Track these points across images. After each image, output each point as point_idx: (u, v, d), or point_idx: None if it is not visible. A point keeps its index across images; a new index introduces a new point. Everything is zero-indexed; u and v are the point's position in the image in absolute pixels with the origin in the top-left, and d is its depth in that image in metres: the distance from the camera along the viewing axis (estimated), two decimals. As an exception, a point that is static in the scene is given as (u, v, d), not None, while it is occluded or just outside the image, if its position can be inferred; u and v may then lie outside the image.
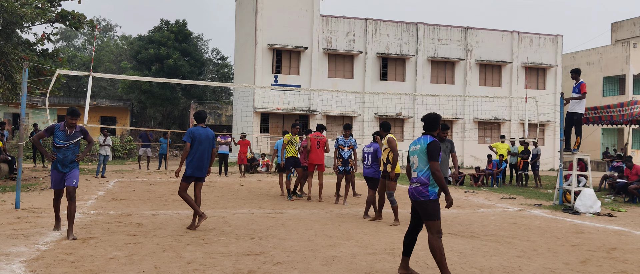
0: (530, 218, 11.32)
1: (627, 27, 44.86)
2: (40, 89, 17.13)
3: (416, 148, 6.11)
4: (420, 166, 6.05)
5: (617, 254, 7.78)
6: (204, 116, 8.93)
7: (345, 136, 12.59)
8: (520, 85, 35.75)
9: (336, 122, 33.07)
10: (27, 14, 16.05)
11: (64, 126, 7.96)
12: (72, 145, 8.02)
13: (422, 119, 6.28)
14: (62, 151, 7.93)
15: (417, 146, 6.13)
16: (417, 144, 6.14)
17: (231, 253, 7.09)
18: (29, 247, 7.11)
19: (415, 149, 6.11)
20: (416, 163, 6.08)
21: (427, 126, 6.20)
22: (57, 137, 7.94)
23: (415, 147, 6.15)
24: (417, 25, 34.31)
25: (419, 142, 6.13)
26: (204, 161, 8.74)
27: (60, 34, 56.19)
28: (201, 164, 8.72)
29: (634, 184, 14.94)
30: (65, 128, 7.96)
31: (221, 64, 52.53)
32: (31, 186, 14.73)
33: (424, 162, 5.99)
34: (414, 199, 6.05)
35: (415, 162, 6.09)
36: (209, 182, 17.96)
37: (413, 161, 6.12)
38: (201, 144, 8.69)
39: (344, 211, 11.59)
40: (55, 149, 7.94)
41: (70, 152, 8.01)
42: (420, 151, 6.05)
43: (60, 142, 7.92)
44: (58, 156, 7.94)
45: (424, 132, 6.21)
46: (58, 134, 7.94)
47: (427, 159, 5.97)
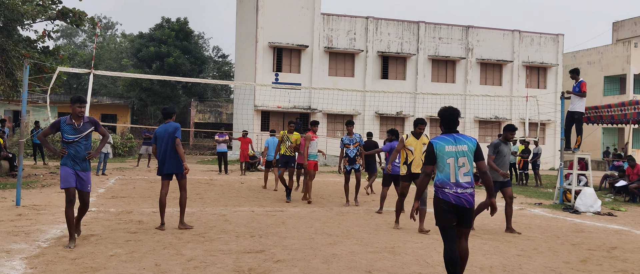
0: (530, 217, 11.32)
1: (628, 26, 44.81)
2: (41, 86, 17.13)
3: (463, 148, 5.39)
4: (470, 169, 5.42)
5: (618, 253, 7.78)
6: (167, 112, 8.82)
7: (349, 134, 12.39)
8: (521, 84, 35.73)
9: (337, 121, 33.07)
10: (28, 11, 16.06)
11: (70, 118, 7.22)
12: (83, 139, 7.24)
13: (441, 114, 5.59)
14: (73, 146, 7.16)
15: (463, 146, 5.40)
16: (462, 143, 5.41)
17: (232, 251, 7.10)
18: (30, 244, 7.12)
19: (462, 149, 5.39)
20: (466, 165, 5.39)
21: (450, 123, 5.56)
22: (65, 132, 7.19)
23: (460, 147, 5.39)
24: (418, 23, 34.29)
25: (464, 141, 5.43)
26: (166, 157, 8.50)
27: (61, 31, 56.19)
28: (163, 161, 8.53)
29: (635, 183, 14.94)
30: (72, 121, 7.20)
31: (222, 62, 52.55)
32: (32, 183, 14.74)
33: (471, 164, 5.43)
34: (462, 206, 5.32)
35: (465, 164, 5.38)
36: (210, 180, 17.97)
37: (462, 162, 5.37)
38: (162, 140, 8.55)
39: (344, 210, 11.60)
40: (65, 145, 7.19)
41: (82, 148, 7.23)
42: (469, 151, 5.41)
43: (70, 137, 7.15)
44: (69, 151, 7.16)
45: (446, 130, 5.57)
46: (65, 128, 7.19)
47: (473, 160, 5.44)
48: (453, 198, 5.30)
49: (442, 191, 5.35)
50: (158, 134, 8.65)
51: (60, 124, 7.27)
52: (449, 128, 5.54)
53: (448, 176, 5.35)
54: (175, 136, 8.50)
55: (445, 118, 5.55)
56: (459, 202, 5.29)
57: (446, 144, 5.40)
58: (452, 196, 5.30)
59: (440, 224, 5.38)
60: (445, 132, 5.56)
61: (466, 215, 5.36)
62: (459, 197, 5.29)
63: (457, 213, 5.33)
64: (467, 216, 5.37)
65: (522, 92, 34.19)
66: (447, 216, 5.33)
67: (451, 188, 5.32)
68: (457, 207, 5.31)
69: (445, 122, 5.57)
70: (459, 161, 5.36)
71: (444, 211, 5.33)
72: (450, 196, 5.31)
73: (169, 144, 8.50)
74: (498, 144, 9.43)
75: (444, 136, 5.51)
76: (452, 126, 5.53)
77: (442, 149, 5.39)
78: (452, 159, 5.36)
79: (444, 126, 5.58)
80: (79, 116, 7.22)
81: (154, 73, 39.39)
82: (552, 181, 21.06)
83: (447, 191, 5.32)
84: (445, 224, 5.35)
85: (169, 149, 8.51)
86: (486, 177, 5.50)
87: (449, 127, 5.54)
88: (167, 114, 8.81)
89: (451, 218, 5.34)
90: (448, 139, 5.45)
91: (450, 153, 5.37)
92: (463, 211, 5.33)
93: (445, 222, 5.35)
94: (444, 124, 5.58)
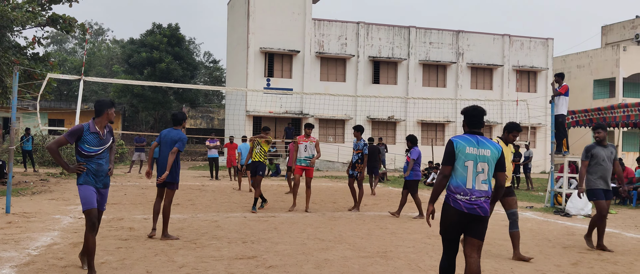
0: (521, 221, 11.36)
1: (617, 30, 45.24)
2: (31, 93, 17.03)
3: (485, 153, 4.88)
4: (489, 176, 4.92)
5: (608, 256, 7.82)
6: (176, 119, 8.61)
7: (357, 139, 12.38)
8: (512, 88, 35.94)
9: (328, 126, 33.10)
10: (17, 17, 15.96)
11: (94, 126, 5.98)
12: (105, 152, 6.10)
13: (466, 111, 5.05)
14: (95, 160, 5.96)
15: (485, 150, 4.89)
16: (486, 147, 4.91)
17: (223, 257, 7.07)
18: (20, 252, 7.06)
19: (485, 154, 4.88)
20: (485, 173, 4.88)
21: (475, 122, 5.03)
22: (88, 143, 5.93)
23: (482, 151, 4.89)
24: (408, 28, 34.44)
25: (488, 145, 4.93)
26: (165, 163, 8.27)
27: (51, 38, 55.95)
28: (161, 167, 8.31)
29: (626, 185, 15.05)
30: (97, 129, 5.98)
31: (213, 67, 52.50)
32: (22, 190, 14.63)
33: (491, 173, 4.94)
34: (477, 215, 4.84)
35: (485, 170, 4.88)
36: (201, 186, 17.91)
37: (481, 168, 4.87)
38: (163, 145, 8.40)
39: (336, 214, 11.59)
40: (85, 159, 5.95)
41: (104, 161, 6.09)
42: (492, 158, 4.90)
43: (93, 150, 5.95)
44: (90, 166, 5.94)
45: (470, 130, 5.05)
46: (88, 138, 5.93)
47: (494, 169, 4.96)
48: (465, 206, 4.81)
49: (454, 197, 4.85)
50: (162, 138, 8.47)
51: (82, 133, 5.90)
52: (473, 127, 5.02)
53: (464, 180, 4.84)
54: (176, 145, 8.24)
55: (470, 115, 5.03)
56: (471, 211, 4.80)
57: (468, 145, 4.88)
58: (464, 204, 4.81)
59: (445, 235, 4.97)
60: (468, 132, 5.04)
61: (479, 225, 4.85)
62: (473, 205, 4.81)
63: (469, 222, 4.85)
64: (481, 226, 4.85)
65: (512, 96, 34.39)
66: (455, 227, 4.89)
67: (465, 195, 4.83)
68: (470, 216, 4.82)
69: (469, 120, 5.04)
70: (479, 166, 4.85)
71: (452, 220, 4.88)
72: (463, 203, 4.82)
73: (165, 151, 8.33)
74: (591, 147, 8.31)
75: (467, 135, 4.98)
76: (477, 125, 5.01)
77: (463, 149, 4.86)
78: (471, 162, 4.85)
79: (469, 125, 5.05)
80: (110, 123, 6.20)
81: (145, 79, 39.28)
82: (543, 184, 21.18)
83: (460, 198, 4.83)
84: (451, 235, 4.94)
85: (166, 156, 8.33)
86: (499, 192, 5.06)
87: (473, 126, 5.02)
88: (177, 121, 8.59)
89: (459, 230, 4.91)
90: (471, 139, 4.93)
91: (470, 155, 4.85)
92: (477, 220, 4.84)
93: (452, 233, 4.93)
94: (468, 123, 5.05)
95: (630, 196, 14.81)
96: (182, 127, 8.71)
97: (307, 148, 12.00)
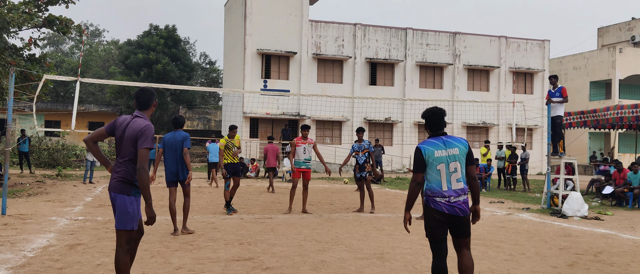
0: (518, 222, 11.38)
1: (613, 32, 45.38)
2: (28, 94, 16.98)
3: (454, 152, 4.91)
4: (463, 173, 4.97)
5: (604, 257, 7.84)
6: (177, 122, 9.31)
7: (358, 141, 12.33)
8: (508, 89, 36.00)
9: (325, 127, 33.10)
10: (14, 18, 15.92)
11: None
12: None
13: (425, 115, 5.09)
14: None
15: (453, 149, 4.92)
16: (453, 146, 4.93)
17: (220, 259, 7.06)
18: (15, 254, 7.04)
19: (453, 153, 4.91)
20: (459, 171, 4.92)
21: (436, 124, 5.04)
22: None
23: (451, 150, 4.92)
24: (405, 30, 34.48)
25: (455, 143, 4.96)
26: (172, 164, 9.01)
27: (48, 39, 55.84)
28: (169, 169, 9.04)
29: (620, 187, 15.09)
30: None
31: (210, 68, 52.46)
32: (18, 192, 14.60)
33: (464, 169, 4.98)
34: (456, 215, 4.88)
35: (458, 169, 4.91)
36: (198, 188, 17.88)
37: (454, 168, 4.90)
38: (170, 148, 9.04)
39: (333, 216, 11.59)
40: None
41: None
42: (461, 155, 4.94)
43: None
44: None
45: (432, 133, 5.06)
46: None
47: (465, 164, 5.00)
48: (446, 208, 4.85)
49: (433, 200, 4.89)
50: (166, 142, 9.12)
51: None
52: (436, 130, 5.02)
53: (439, 184, 4.87)
54: (184, 145, 8.93)
55: (430, 119, 5.03)
56: (452, 212, 4.84)
57: (436, 149, 4.89)
58: (444, 206, 4.85)
59: (431, 237, 4.94)
60: (432, 136, 5.03)
61: (462, 225, 4.91)
62: (452, 206, 4.84)
63: (451, 223, 4.90)
64: (463, 226, 4.92)
65: (509, 97, 34.45)
66: (439, 228, 4.90)
67: (443, 197, 4.86)
68: (451, 217, 4.86)
69: (430, 124, 5.04)
70: (451, 167, 4.88)
71: (436, 222, 4.89)
72: (443, 205, 4.85)
73: (178, 151, 8.98)
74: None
75: (432, 139, 4.98)
76: (438, 127, 5.01)
77: (431, 154, 4.87)
78: (442, 165, 4.87)
79: (430, 128, 5.05)
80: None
81: (142, 80, 39.21)
82: (540, 186, 21.21)
83: (439, 200, 4.86)
84: (438, 236, 4.91)
85: (172, 158, 9.01)
86: (475, 183, 5.05)
87: (435, 129, 5.02)
88: (178, 124, 9.27)
89: (444, 230, 4.91)
90: (437, 143, 4.93)
91: (441, 158, 4.87)
92: (458, 221, 4.88)
93: (438, 234, 4.91)
94: (429, 126, 5.06)
95: (627, 198, 14.84)
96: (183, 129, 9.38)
97: (305, 150, 11.89)
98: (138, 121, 4.91)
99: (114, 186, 4.85)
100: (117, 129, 4.97)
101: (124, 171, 4.83)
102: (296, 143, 11.97)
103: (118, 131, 4.96)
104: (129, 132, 4.87)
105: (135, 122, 4.91)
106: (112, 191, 4.86)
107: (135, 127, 4.87)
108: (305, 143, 11.89)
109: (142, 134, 4.80)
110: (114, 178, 4.88)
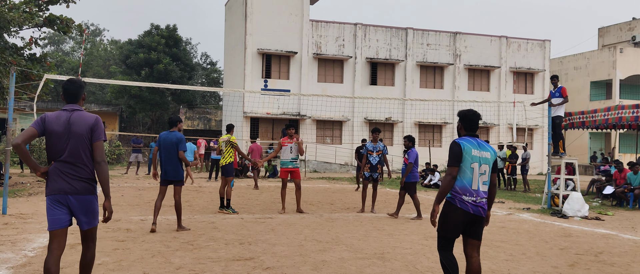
0: (518, 222, 11.38)
1: (614, 32, 45.38)
2: (28, 93, 17.00)
3: (486, 155, 5.04)
4: (488, 179, 5.07)
5: (605, 257, 7.84)
6: (172, 121, 9.43)
7: (373, 141, 12.28)
8: (509, 89, 36.00)
9: (326, 127, 33.09)
10: (14, 18, 15.93)
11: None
12: None
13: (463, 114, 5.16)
14: None
15: (486, 152, 5.05)
16: (486, 150, 5.07)
17: (220, 259, 7.06)
18: (16, 253, 7.04)
19: (486, 156, 5.04)
20: (486, 174, 5.03)
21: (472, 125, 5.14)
22: None
23: (484, 153, 5.04)
24: (406, 30, 34.47)
25: (487, 147, 5.10)
26: (168, 164, 9.09)
27: (49, 38, 55.87)
28: (163, 168, 9.13)
29: (621, 188, 15.08)
30: None
31: (211, 68, 52.45)
32: (18, 191, 14.60)
33: (490, 174, 5.08)
34: (479, 216, 4.99)
35: (486, 172, 5.03)
36: (199, 187, 17.89)
37: (483, 170, 5.01)
38: (164, 147, 9.14)
39: (334, 216, 11.59)
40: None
41: None
42: (491, 160, 5.07)
43: None
44: None
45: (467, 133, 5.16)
46: None
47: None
48: (472, 208, 4.92)
49: (460, 198, 4.94)
50: (161, 141, 9.21)
51: None
52: (471, 130, 5.14)
53: (470, 182, 4.95)
54: (180, 149, 9.07)
55: (468, 118, 5.13)
56: (476, 212, 4.93)
57: (472, 147, 5.00)
58: (471, 205, 4.92)
59: (447, 234, 5.01)
60: (467, 135, 5.14)
61: (480, 226, 5.01)
62: (477, 206, 4.94)
63: (472, 224, 4.98)
64: (481, 227, 5.02)
65: (509, 97, 34.44)
66: (459, 227, 4.97)
67: (471, 196, 4.94)
68: (474, 217, 4.95)
69: (467, 123, 5.14)
70: (481, 168, 4.98)
71: (458, 220, 4.94)
72: (469, 205, 4.92)
73: (171, 152, 9.07)
74: None
75: (468, 138, 5.09)
76: (474, 127, 5.13)
77: (469, 151, 4.97)
78: (476, 164, 4.96)
79: (466, 127, 5.15)
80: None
81: (143, 80, 39.21)
82: (540, 186, 21.21)
83: (466, 199, 4.93)
84: (453, 235, 4.99)
85: (168, 157, 9.10)
86: (494, 190, 5.15)
87: (470, 129, 5.14)
88: (172, 123, 9.36)
89: (461, 230, 5.00)
90: (473, 142, 5.05)
91: (475, 158, 4.98)
92: (478, 222, 4.99)
93: (454, 233, 4.99)
94: (465, 126, 5.15)
95: (627, 198, 14.84)
96: (178, 129, 9.42)
97: (292, 150, 11.87)
98: (83, 115, 4.64)
99: (77, 187, 4.54)
100: (52, 128, 4.55)
101: (83, 170, 4.57)
102: (282, 143, 11.98)
103: (56, 128, 4.54)
104: (77, 128, 4.55)
105: (80, 116, 4.61)
106: (76, 193, 4.54)
107: (83, 121, 4.59)
108: (292, 142, 11.88)
109: (96, 127, 4.60)
110: (71, 179, 4.54)
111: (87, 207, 4.60)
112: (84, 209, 4.59)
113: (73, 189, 4.53)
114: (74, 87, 4.73)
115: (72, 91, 4.72)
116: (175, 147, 9.06)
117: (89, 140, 4.58)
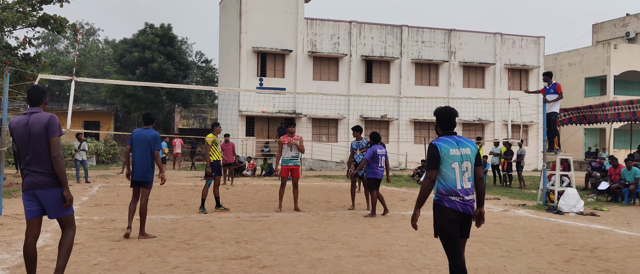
0: (514, 218, 11.41)
1: (608, 28, 45.53)
2: (22, 93, 16.93)
3: (466, 152, 4.97)
4: (472, 175, 5.01)
5: (600, 253, 7.87)
6: (148, 118, 8.66)
7: (356, 139, 12.30)
8: (504, 86, 36.07)
9: (321, 125, 33.08)
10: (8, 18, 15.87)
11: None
12: None
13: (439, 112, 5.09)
14: None
15: (465, 149, 4.98)
16: (465, 146, 4.99)
17: (217, 258, 7.06)
18: (11, 254, 7.02)
19: (466, 152, 4.96)
20: (469, 171, 4.97)
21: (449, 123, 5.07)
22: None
23: (463, 150, 4.97)
24: (401, 27, 34.48)
25: (466, 143, 5.02)
26: (138, 163, 8.33)
27: (43, 38, 55.62)
28: (135, 167, 8.35)
29: (616, 183, 15.14)
30: None
31: (205, 67, 52.35)
32: (13, 192, 14.55)
33: (473, 169, 5.02)
34: (468, 214, 4.96)
35: (469, 169, 4.96)
36: (195, 186, 17.86)
37: (465, 167, 4.95)
38: (137, 145, 8.40)
39: (330, 214, 11.60)
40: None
41: None
42: (472, 155, 4.99)
43: None
44: None
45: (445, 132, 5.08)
46: None
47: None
48: (460, 206, 4.88)
49: (448, 199, 4.89)
50: (134, 138, 8.45)
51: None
52: (448, 129, 5.05)
53: (454, 182, 4.89)
54: (154, 148, 8.36)
55: (444, 117, 5.05)
56: (465, 210, 4.89)
57: (450, 147, 4.92)
58: (459, 204, 4.88)
59: (447, 237, 4.91)
60: (445, 134, 5.07)
61: (469, 224, 5.00)
62: (466, 204, 4.90)
63: (462, 222, 4.94)
64: (469, 225, 5.01)
65: (504, 94, 34.51)
66: (454, 226, 4.89)
67: (457, 195, 4.89)
68: (464, 215, 4.91)
69: (443, 122, 5.07)
70: (463, 166, 4.92)
71: (450, 221, 4.88)
72: (458, 204, 4.88)
73: (143, 151, 8.34)
74: None
75: (445, 137, 5.01)
76: (450, 125, 5.04)
77: (447, 151, 4.89)
78: (456, 163, 4.90)
79: (443, 127, 5.07)
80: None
81: (137, 79, 39.11)
82: (536, 182, 21.27)
83: (454, 199, 4.88)
84: (453, 235, 4.89)
85: (142, 157, 8.33)
86: (482, 184, 5.08)
87: (447, 128, 5.05)
88: (149, 120, 8.64)
89: (457, 229, 4.91)
90: (451, 141, 4.97)
91: (455, 157, 4.90)
92: (468, 220, 4.97)
93: (454, 233, 4.89)
94: (441, 125, 5.08)
95: (622, 193, 14.89)
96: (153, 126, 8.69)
97: (292, 148, 11.83)
98: (39, 116, 5.12)
99: (43, 182, 5.07)
100: (17, 133, 5.12)
101: (45, 166, 5.07)
102: (283, 141, 11.88)
103: (19, 132, 5.12)
104: (35, 129, 5.06)
105: (36, 118, 5.10)
106: (42, 187, 5.07)
107: (38, 122, 5.07)
108: (291, 140, 11.78)
109: (51, 125, 5.06)
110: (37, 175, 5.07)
111: (56, 199, 5.11)
112: (54, 201, 5.11)
113: (38, 184, 5.07)
114: (37, 92, 5.28)
115: (35, 96, 5.27)
116: (149, 146, 8.33)
117: (46, 138, 5.07)
